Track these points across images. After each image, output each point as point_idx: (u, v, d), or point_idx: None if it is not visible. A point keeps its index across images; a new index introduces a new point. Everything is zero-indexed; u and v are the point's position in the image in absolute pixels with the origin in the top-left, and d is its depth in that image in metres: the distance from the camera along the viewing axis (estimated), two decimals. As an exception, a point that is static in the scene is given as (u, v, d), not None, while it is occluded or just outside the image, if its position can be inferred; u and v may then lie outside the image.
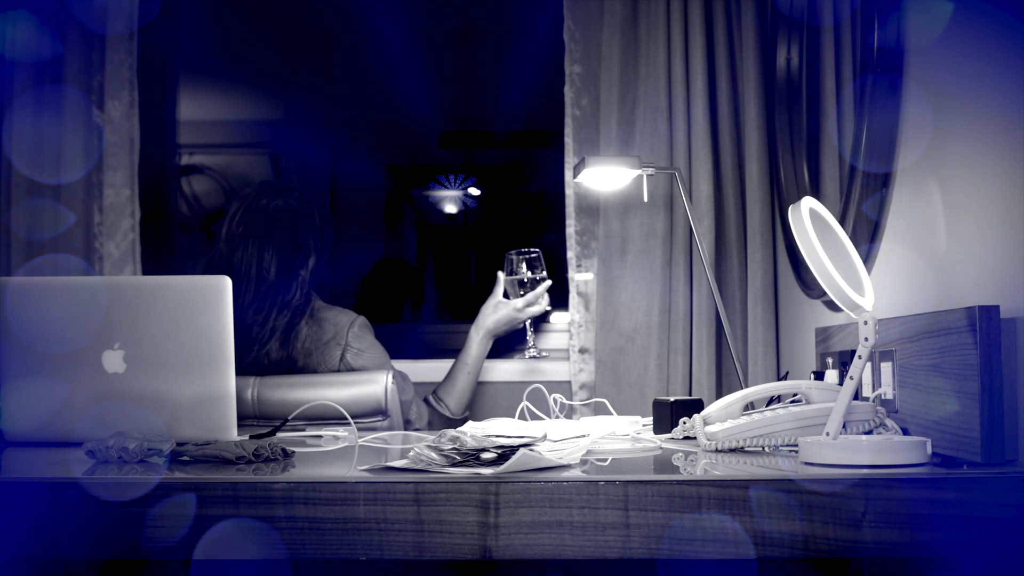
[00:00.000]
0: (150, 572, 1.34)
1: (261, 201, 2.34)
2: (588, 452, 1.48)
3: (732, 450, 1.49)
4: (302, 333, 2.27)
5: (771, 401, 1.73)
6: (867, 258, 1.80)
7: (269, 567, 1.21)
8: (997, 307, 1.29)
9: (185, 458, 1.40)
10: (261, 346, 2.23)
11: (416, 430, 2.31)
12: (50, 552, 1.19)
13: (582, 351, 2.77)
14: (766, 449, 1.48)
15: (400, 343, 3.32)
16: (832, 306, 2.13)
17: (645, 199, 2.45)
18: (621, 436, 1.70)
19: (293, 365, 2.26)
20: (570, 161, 2.84)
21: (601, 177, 2.46)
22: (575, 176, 2.52)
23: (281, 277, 2.28)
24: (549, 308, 2.57)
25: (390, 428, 2.14)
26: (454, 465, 1.26)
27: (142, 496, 1.18)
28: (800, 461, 1.33)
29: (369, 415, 2.13)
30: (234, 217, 2.34)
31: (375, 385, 2.14)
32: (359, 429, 1.89)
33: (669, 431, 1.75)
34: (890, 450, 1.27)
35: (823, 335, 1.96)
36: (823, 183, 2.19)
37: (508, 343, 3.39)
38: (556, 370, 2.86)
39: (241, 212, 2.33)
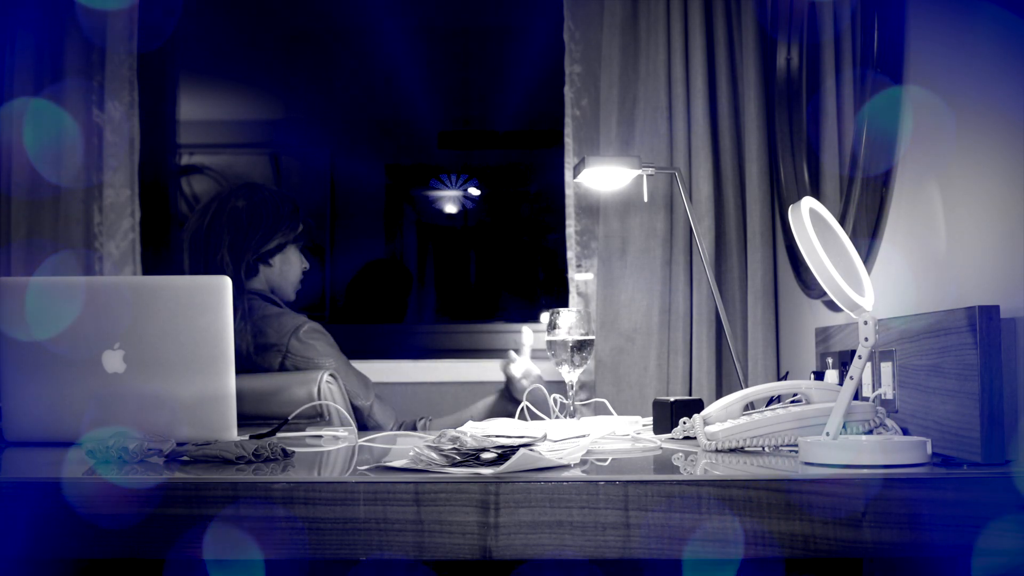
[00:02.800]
0: (150, 572, 1.34)
1: (208, 206, 2.33)
2: (588, 452, 1.48)
3: (732, 450, 1.48)
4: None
5: (771, 401, 1.73)
6: (867, 258, 1.80)
7: (269, 567, 1.21)
8: (997, 307, 1.29)
9: (185, 458, 1.40)
10: None
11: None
12: (50, 552, 1.19)
13: (582, 351, 2.77)
14: (766, 449, 1.48)
15: (399, 343, 3.33)
16: (832, 306, 2.13)
17: (645, 199, 2.45)
18: (621, 436, 1.70)
19: None
20: (570, 161, 2.84)
21: (601, 177, 2.46)
22: (575, 176, 2.52)
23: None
24: (539, 385, 2.27)
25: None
26: (454, 465, 1.26)
27: (142, 496, 1.18)
28: (800, 461, 1.33)
29: (306, 415, 2.05)
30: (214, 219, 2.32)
31: (309, 385, 2.10)
32: (299, 431, 1.86)
33: (669, 431, 1.74)
34: (890, 450, 1.27)
35: (823, 335, 1.96)
36: (823, 183, 2.19)
37: (502, 343, 3.38)
38: (556, 370, 2.86)
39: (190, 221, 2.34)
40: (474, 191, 4.13)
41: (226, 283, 1.67)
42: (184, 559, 1.17)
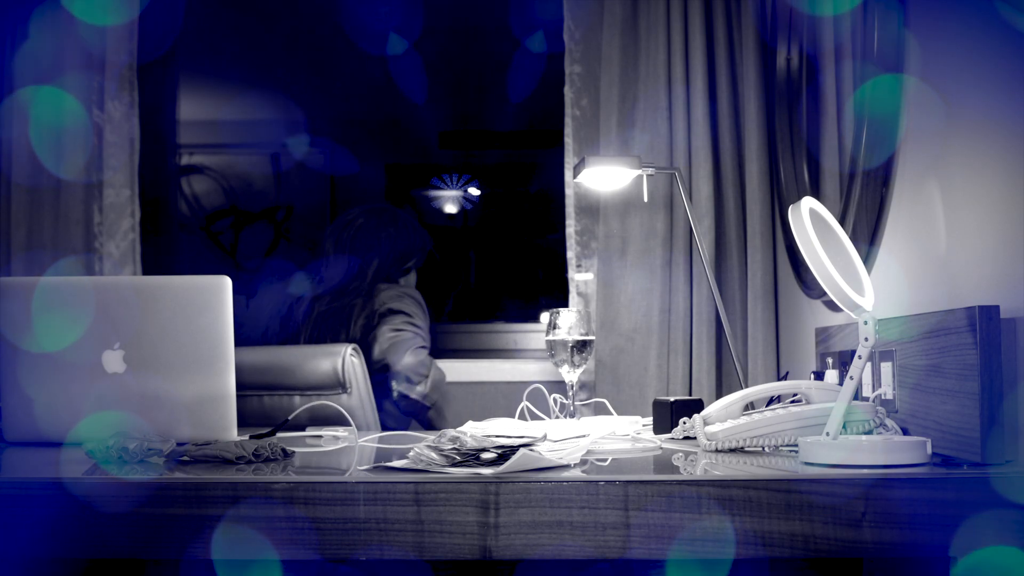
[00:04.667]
0: (150, 572, 1.34)
1: (371, 220, 2.78)
2: (588, 452, 1.48)
3: (732, 450, 1.48)
4: (356, 309, 2.64)
5: (771, 401, 1.73)
6: (867, 258, 1.80)
7: (270, 567, 1.21)
8: (997, 307, 1.29)
9: (185, 458, 1.40)
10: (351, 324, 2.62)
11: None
12: (50, 552, 1.19)
13: (582, 351, 2.77)
14: (766, 449, 1.48)
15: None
16: (832, 306, 2.13)
17: (645, 199, 2.45)
18: (621, 436, 1.70)
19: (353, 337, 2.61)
20: (570, 161, 2.84)
21: (601, 177, 2.46)
22: (575, 176, 2.51)
23: (376, 280, 2.72)
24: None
25: (355, 403, 2.18)
26: (454, 465, 1.26)
27: (142, 496, 1.18)
28: (800, 461, 1.33)
29: (328, 387, 2.20)
30: (344, 231, 2.78)
31: (334, 357, 2.19)
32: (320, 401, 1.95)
33: (669, 431, 1.74)
34: (890, 450, 1.27)
35: (823, 335, 1.96)
36: (823, 183, 2.19)
37: (502, 343, 3.39)
38: (556, 370, 2.86)
39: (356, 228, 2.78)
40: (474, 191, 4.14)
41: (226, 283, 1.66)
42: (184, 560, 1.17)
